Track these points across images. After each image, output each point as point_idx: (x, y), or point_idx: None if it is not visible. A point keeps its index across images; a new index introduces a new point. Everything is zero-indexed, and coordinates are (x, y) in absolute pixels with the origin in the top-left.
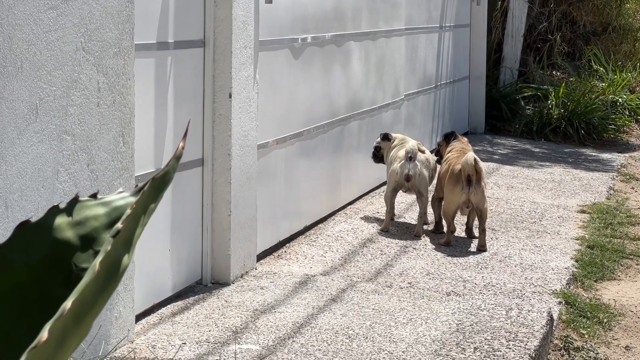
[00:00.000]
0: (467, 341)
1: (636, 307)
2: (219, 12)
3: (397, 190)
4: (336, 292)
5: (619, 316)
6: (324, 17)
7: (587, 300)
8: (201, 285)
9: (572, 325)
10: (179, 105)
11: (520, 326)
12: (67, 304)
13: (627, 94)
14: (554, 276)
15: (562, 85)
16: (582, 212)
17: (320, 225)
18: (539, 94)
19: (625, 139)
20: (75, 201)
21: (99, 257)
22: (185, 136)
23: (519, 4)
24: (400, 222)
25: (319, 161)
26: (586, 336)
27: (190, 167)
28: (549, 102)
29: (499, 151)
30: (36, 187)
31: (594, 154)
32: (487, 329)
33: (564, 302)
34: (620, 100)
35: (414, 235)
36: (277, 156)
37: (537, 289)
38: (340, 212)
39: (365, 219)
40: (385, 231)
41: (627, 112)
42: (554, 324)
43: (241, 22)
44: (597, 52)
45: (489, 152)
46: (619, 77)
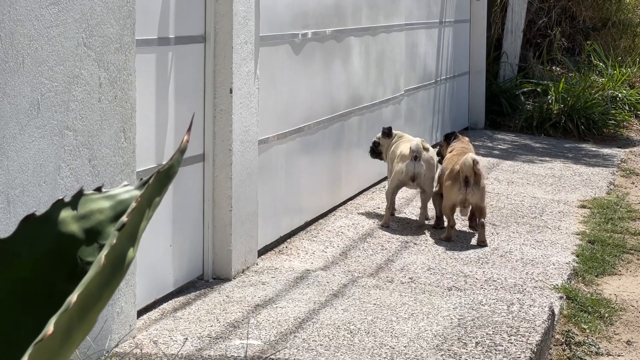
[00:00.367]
0: (468, 336)
1: (637, 301)
2: (220, 8)
3: (399, 187)
4: (337, 287)
5: (620, 311)
6: (324, 13)
7: (588, 295)
8: (202, 280)
9: (573, 320)
10: (179, 100)
11: (521, 321)
12: (73, 298)
13: (627, 89)
14: (555, 271)
15: (562, 80)
16: (583, 207)
17: (321, 220)
18: (538, 90)
19: (625, 134)
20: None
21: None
22: (189, 129)
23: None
24: (400, 217)
25: (319, 157)
26: (587, 331)
27: (191, 162)
28: (549, 97)
29: (499, 146)
30: (38, 183)
31: (594, 149)
32: (489, 324)
33: (565, 297)
34: (620, 95)
35: (417, 226)
36: (277, 152)
37: (538, 283)
38: (340, 208)
39: (365, 214)
40: (385, 226)
41: (627, 107)
42: (555, 318)
43: (242, 18)
44: (597, 48)
45: (489, 147)
46: (619, 72)
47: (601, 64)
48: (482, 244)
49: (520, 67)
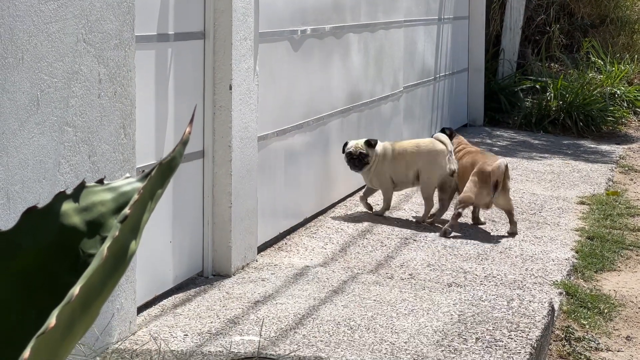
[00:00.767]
0: (468, 332)
1: (636, 297)
2: (219, 4)
3: (437, 185)
4: (337, 283)
5: (620, 307)
6: (323, 9)
7: (588, 291)
8: (202, 277)
9: (573, 315)
10: (179, 97)
11: (521, 317)
12: (75, 290)
13: (625, 85)
14: (554, 267)
15: (561, 77)
16: (582, 203)
17: (320, 217)
18: (537, 86)
19: (623, 130)
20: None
21: (107, 243)
22: (192, 121)
23: None
24: (399, 214)
25: (318, 153)
26: (587, 327)
27: (190, 159)
28: (548, 94)
29: (498, 143)
30: (38, 179)
31: (592, 145)
32: (489, 320)
33: (564, 292)
34: (618, 92)
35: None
36: (277, 148)
37: (538, 279)
38: (340, 204)
39: (365, 210)
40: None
41: (625, 104)
42: (555, 314)
43: (241, 14)
44: (595, 44)
45: (488, 144)
46: (617, 69)
47: (599, 61)
48: (512, 235)
49: (519, 64)
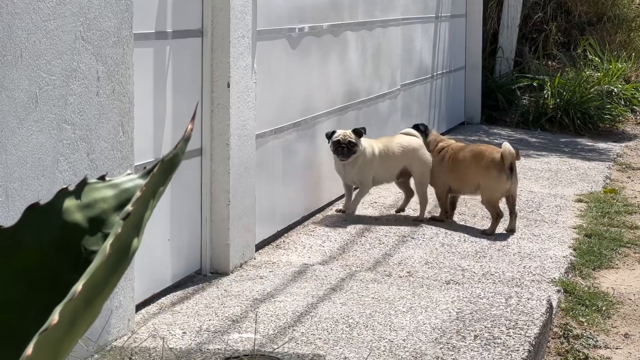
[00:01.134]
0: (467, 329)
1: (634, 295)
2: (217, 2)
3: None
4: (335, 281)
5: (618, 304)
6: (320, 7)
7: (586, 288)
8: (200, 275)
9: (571, 313)
10: (177, 94)
11: (519, 314)
12: (78, 287)
13: (623, 83)
14: (552, 265)
15: (558, 75)
16: (579, 201)
17: (318, 214)
18: (534, 84)
19: (621, 128)
20: (83, 183)
21: (110, 240)
22: (193, 118)
23: None
24: (396, 212)
25: (316, 151)
26: (585, 324)
27: (189, 156)
28: (545, 92)
29: (496, 141)
30: (36, 176)
31: (590, 143)
32: (487, 317)
33: (562, 290)
34: (615, 90)
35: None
36: (274, 146)
37: (536, 277)
38: (337, 202)
39: (362, 208)
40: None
41: (622, 102)
42: (553, 312)
43: (239, 12)
44: (592, 42)
45: (485, 142)
46: (614, 67)
47: (597, 59)
48: (511, 231)
49: (516, 62)
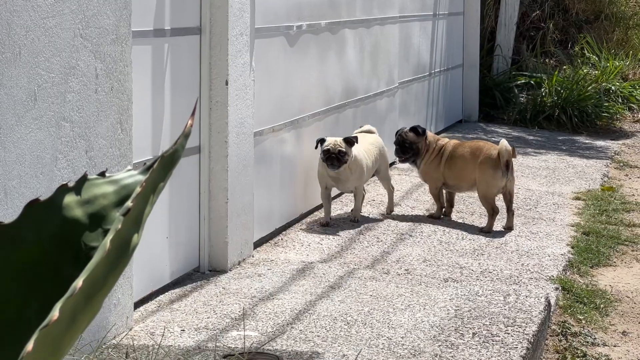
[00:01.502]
0: (465, 327)
1: (632, 292)
2: None
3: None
4: (334, 278)
5: (616, 302)
6: (318, 5)
7: (584, 286)
8: (199, 272)
9: (569, 310)
10: (175, 92)
11: (518, 312)
12: (78, 283)
13: (620, 81)
14: (550, 262)
15: (556, 73)
16: (577, 199)
17: (316, 212)
18: (532, 82)
19: (618, 126)
20: (83, 179)
21: (110, 236)
22: (193, 114)
23: None
24: (395, 210)
25: (314, 148)
26: (583, 322)
27: (187, 154)
28: (543, 90)
29: (493, 139)
30: (35, 174)
31: (587, 141)
32: (485, 315)
33: (560, 288)
34: (613, 87)
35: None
36: (272, 144)
37: (534, 275)
38: (335, 200)
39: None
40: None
41: (620, 100)
42: (551, 309)
43: (237, 9)
44: (590, 40)
45: (483, 140)
46: (612, 65)
47: (594, 57)
48: (509, 229)
49: (513, 60)
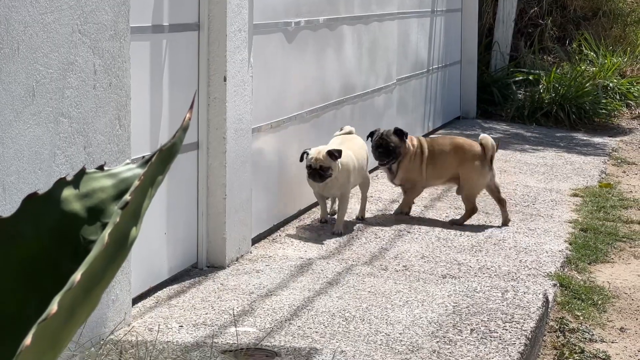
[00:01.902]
0: (463, 323)
1: (630, 289)
2: None
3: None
4: (332, 275)
5: (613, 298)
6: (317, 1)
7: (582, 282)
8: (197, 268)
9: (567, 307)
10: (174, 88)
11: (516, 308)
12: (77, 276)
13: (618, 78)
14: (548, 259)
15: (554, 69)
16: (575, 195)
17: (314, 209)
18: (530, 79)
19: (616, 123)
20: (82, 173)
21: (108, 229)
22: (191, 107)
23: None
24: (390, 212)
25: (312, 145)
26: (581, 318)
27: (185, 150)
28: (540, 86)
29: (491, 135)
30: (33, 170)
31: (585, 138)
32: (483, 311)
33: (558, 284)
34: (611, 84)
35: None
36: (270, 140)
37: (532, 271)
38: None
39: (358, 202)
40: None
41: (617, 97)
42: (549, 305)
43: (235, 6)
44: (588, 37)
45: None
46: (610, 62)
47: (592, 54)
48: (506, 223)
49: (511, 57)
